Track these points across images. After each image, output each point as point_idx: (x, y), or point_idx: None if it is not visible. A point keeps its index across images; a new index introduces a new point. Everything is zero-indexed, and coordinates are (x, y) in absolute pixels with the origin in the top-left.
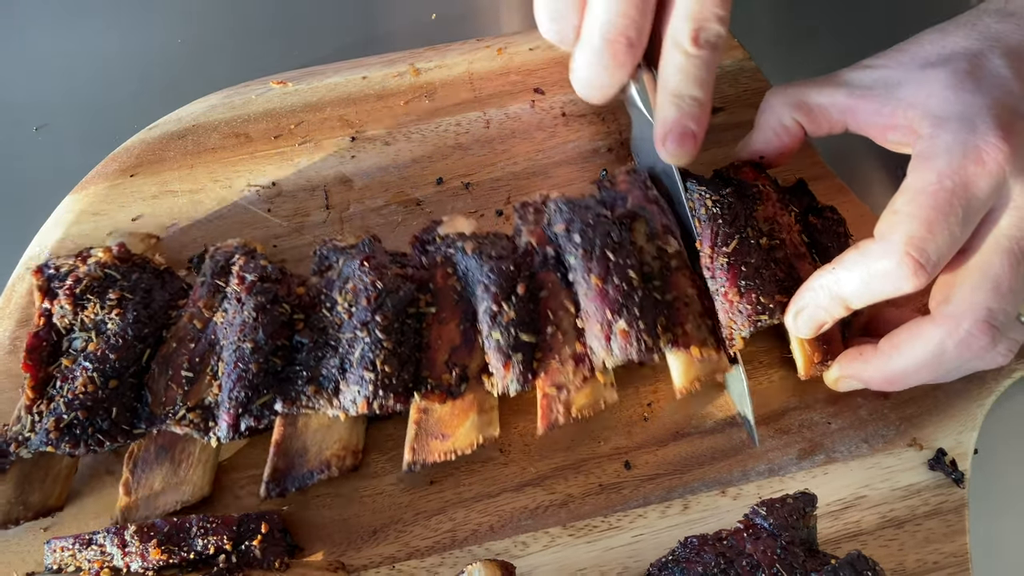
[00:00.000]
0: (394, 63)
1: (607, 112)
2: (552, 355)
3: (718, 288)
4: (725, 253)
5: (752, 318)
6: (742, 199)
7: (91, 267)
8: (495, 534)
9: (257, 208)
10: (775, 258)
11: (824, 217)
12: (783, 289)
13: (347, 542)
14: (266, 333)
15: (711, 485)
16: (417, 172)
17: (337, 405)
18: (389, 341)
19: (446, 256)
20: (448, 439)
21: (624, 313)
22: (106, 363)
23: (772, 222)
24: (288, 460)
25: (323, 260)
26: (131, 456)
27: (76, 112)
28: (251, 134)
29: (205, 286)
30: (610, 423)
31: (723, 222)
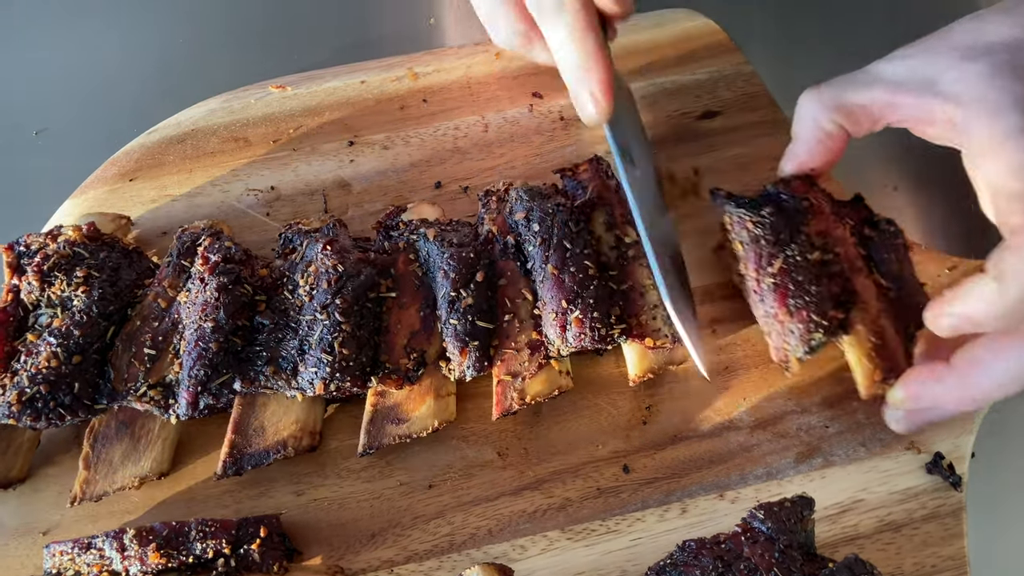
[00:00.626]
0: (392, 68)
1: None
2: (508, 342)
3: (768, 311)
4: (771, 274)
5: (805, 337)
6: (787, 215)
7: (60, 245)
8: (493, 538)
9: (256, 212)
10: (829, 273)
11: (881, 230)
12: (839, 304)
13: (345, 546)
14: (227, 313)
15: (709, 489)
16: (415, 176)
17: (295, 386)
18: (348, 324)
19: (409, 242)
20: (404, 423)
21: (579, 302)
22: (70, 339)
23: (825, 236)
24: (245, 439)
25: (287, 243)
26: (92, 431)
27: (76, 116)
28: (250, 138)
29: (171, 266)
30: (608, 427)
31: (765, 243)
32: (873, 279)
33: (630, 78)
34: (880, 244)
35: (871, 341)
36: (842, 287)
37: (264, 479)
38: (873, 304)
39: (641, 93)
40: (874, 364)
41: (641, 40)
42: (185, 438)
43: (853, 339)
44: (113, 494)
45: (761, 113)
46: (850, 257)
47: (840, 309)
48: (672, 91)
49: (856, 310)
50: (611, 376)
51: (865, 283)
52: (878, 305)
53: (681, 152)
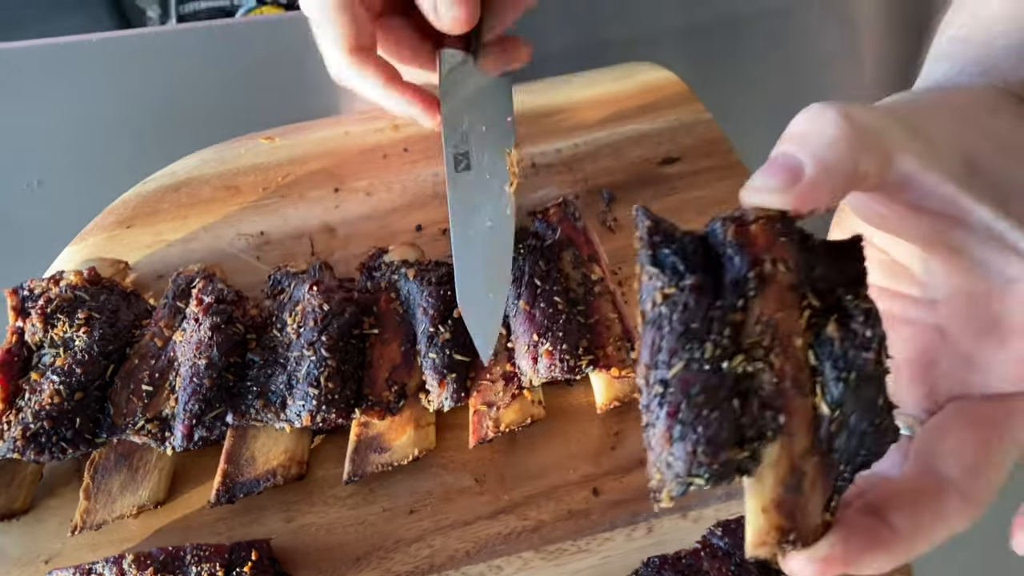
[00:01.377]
0: (374, 120)
1: (575, 162)
2: (484, 374)
3: (648, 419)
4: (662, 379)
5: (683, 479)
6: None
7: (62, 288)
8: (471, 559)
9: (247, 256)
10: (749, 389)
11: (849, 329)
12: (745, 439)
13: (332, 569)
14: (220, 351)
15: (673, 509)
16: (397, 220)
17: (283, 418)
18: (333, 359)
19: (390, 282)
20: (386, 452)
21: (549, 335)
22: (72, 377)
23: (768, 327)
24: (237, 469)
25: (276, 284)
26: (92, 463)
27: (75, 167)
28: (241, 186)
29: (167, 307)
30: (579, 452)
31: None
32: (812, 400)
33: (597, 127)
34: (840, 354)
35: (780, 489)
36: (761, 412)
37: (255, 507)
38: (800, 440)
39: (605, 141)
40: (775, 519)
41: (606, 92)
42: (180, 469)
43: (754, 484)
44: (112, 523)
45: (718, 158)
46: (790, 367)
47: (747, 446)
48: (635, 139)
49: (774, 444)
50: (581, 405)
51: (799, 406)
52: (806, 443)
53: (645, 196)
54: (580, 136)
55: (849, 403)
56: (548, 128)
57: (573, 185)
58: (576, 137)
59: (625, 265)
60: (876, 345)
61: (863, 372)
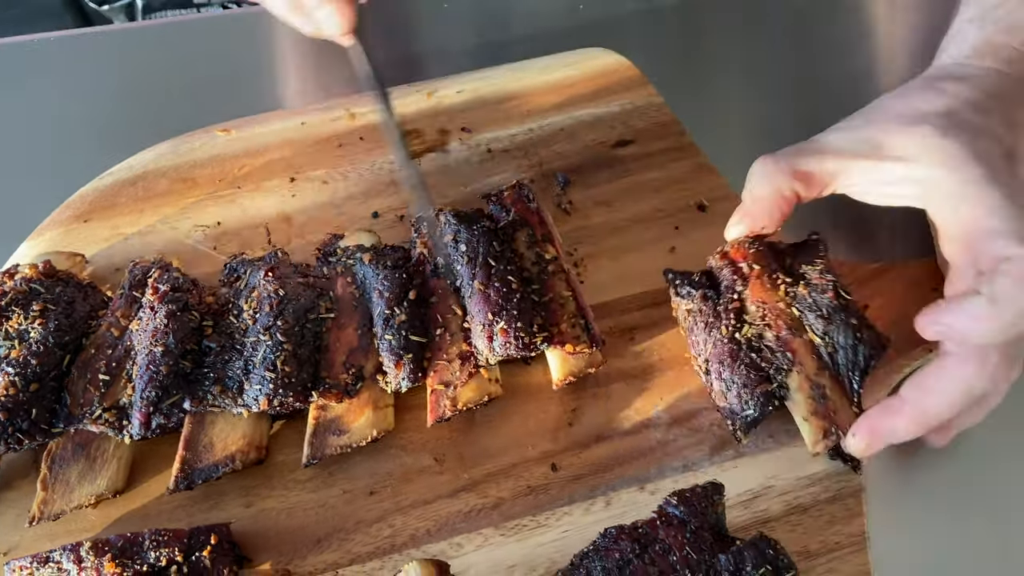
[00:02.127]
0: (330, 110)
1: (530, 147)
2: (441, 354)
3: (712, 390)
4: (704, 358)
5: (741, 414)
6: (719, 294)
7: (17, 282)
8: (431, 537)
9: (204, 246)
10: (762, 344)
11: (810, 284)
12: (769, 376)
13: (292, 551)
14: (176, 338)
15: (630, 482)
16: (354, 208)
17: (241, 403)
18: (289, 344)
19: (346, 266)
20: (345, 434)
21: (504, 314)
22: (27, 368)
23: (760, 305)
24: (195, 455)
25: (232, 272)
26: (49, 453)
27: (31, 164)
28: (197, 179)
29: (123, 297)
30: (537, 430)
31: (698, 329)
32: (807, 338)
33: (552, 112)
34: (812, 301)
35: (811, 400)
36: (776, 354)
37: (215, 493)
38: (809, 363)
39: (560, 125)
40: (817, 422)
41: (560, 77)
42: (139, 457)
43: (793, 404)
44: (70, 512)
45: (671, 140)
46: (784, 323)
47: (774, 379)
48: (589, 123)
49: (792, 373)
50: (538, 383)
51: (800, 343)
52: (814, 364)
53: (599, 178)
54: (535, 121)
55: (831, 330)
56: (503, 114)
57: (528, 169)
58: (531, 122)
59: (580, 246)
60: (831, 288)
61: (830, 306)
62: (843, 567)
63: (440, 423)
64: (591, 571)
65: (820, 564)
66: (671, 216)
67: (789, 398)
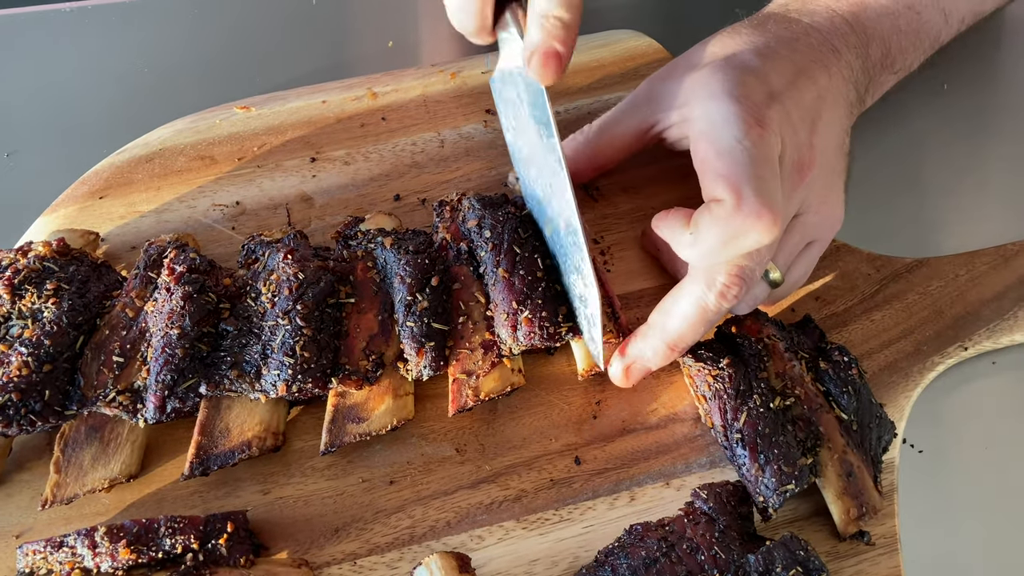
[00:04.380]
0: (352, 88)
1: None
2: (463, 343)
3: (739, 463)
4: (737, 429)
5: (780, 490)
6: (745, 363)
7: (30, 260)
8: (452, 529)
9: (222, 226)
10: (793, 417)
11: (834, 361)
12: (806, 449)
13: (310, 541)
14: (192, 320)
15: (656, 477)
16: (375, 190)
17: (258, 388)
18: (309, 329)
19: (367, 250)
20: (364, 422)
21: (528, 303)
22: (41, 348)
23: (784, 376)
24: (211, 441)
25: (250, 253)
26: (62, 436)
27: (47, 138)
28: (216, 156)
29: (138, 277)
30: (561, 422)
31: (728, 397)
32: (834, 414)
33: (580, 95)
34: (835, 377)
35: (841, 479)
36: (807, 429)
37: (231, 479)
38: (838, 441)
39: (588, 109)
40: (848, 502)
41: (588, 59)
42: (153, 442)
43: (824, 480)
44: (83, 496)
45: None
46: (810, 396)
47: (808, 454)
48: None
49: (823, 450)
50: (563, 374)
51: (828, 419)
52: (842, 442)
53: (628, 163)
54: (562, 104)
55: (856, 407)
56: None
57: None
58: (558, 105)
59: (608, 234)
60: (854, 365)
61: (855, 384)
62: (874, 569)
63: (462, 413)
64: (616, 568)
65: (850, 566)
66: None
67: (820, 474)
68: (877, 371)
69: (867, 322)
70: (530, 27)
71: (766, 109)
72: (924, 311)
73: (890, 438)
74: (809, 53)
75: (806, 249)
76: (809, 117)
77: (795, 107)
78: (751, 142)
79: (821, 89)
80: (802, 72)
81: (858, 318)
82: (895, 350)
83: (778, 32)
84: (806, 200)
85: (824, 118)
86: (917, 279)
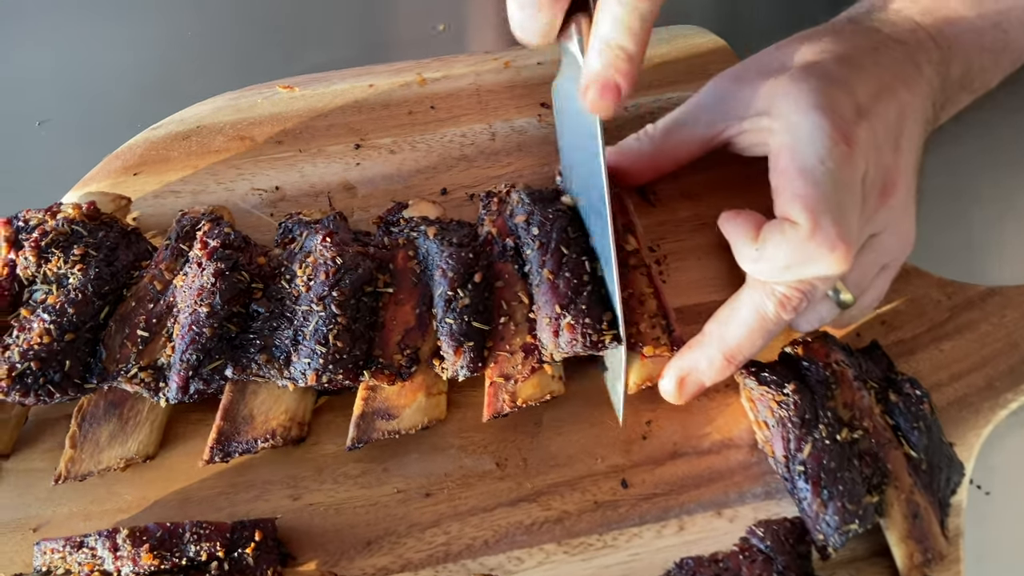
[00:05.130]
0: (401, 72)
1: (614, 128)
2: (503, 344)
3: (801, 497)
4: (800, 460)
5: (842, 529)
6: (811, 390)
7: (59, 222)
8: (489, 549)
9: (260, 212)
10: (860, 451)
11: (905, 394)
12: (871, 487)
13: (340, 552)
14: (223, 299)
15: (707, 506)
16: (421, 182)
17: (287, 375)
18: (344, 317)
19: (409, 238)
20: (394, 419)
21: (572, 308)
22: (64, 316)
23: (852, 407)
24: (234, 426)
25: (287, 232)
26: (80, 410)
27: (80, 108)
28: (256, 137)
29: (169, 249)
30: (607, 440)
31: (792, 426)
32: (903, 451)
33: (640, 92)
34: (906, 411)
35: (907, 520)
36: (873, 465)
37: (260, 481)
38: (905, 480)
39: (648, 107)
40: (912, 546)
41: (650, 54)
42: (174, 423)
43: (889, 521)
44: (98, 474)
45: None
46: (878, 430)
47: (874, 492)
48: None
49: (889, 488)
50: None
51: (896, 456)
52: (910, 481)
53: (688, 168)
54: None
55: (927, 445)
56: None
57: None
58: None
59: (664, 242)
60: (926, 399)
61: (927, 420)
62: None
63: (497, 418)
64: None
65: None
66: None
67: (885, 514)
68: (945, 405)
69: (936, 352)
70: (591, 52)
71: (854, 126)
72: (998, 343)
73: (959, 479)
74: (892, 67)
75: (879, 272)
76: (893, 136)
77: (881, 125)
78: (835, 163)
79: (903, 106)
80: (886, 87)
81: (926, 347)
82: (965, 384)
83: (860, 42)
84: (883, 222)
85: (905, 136)
86: (991, 308)
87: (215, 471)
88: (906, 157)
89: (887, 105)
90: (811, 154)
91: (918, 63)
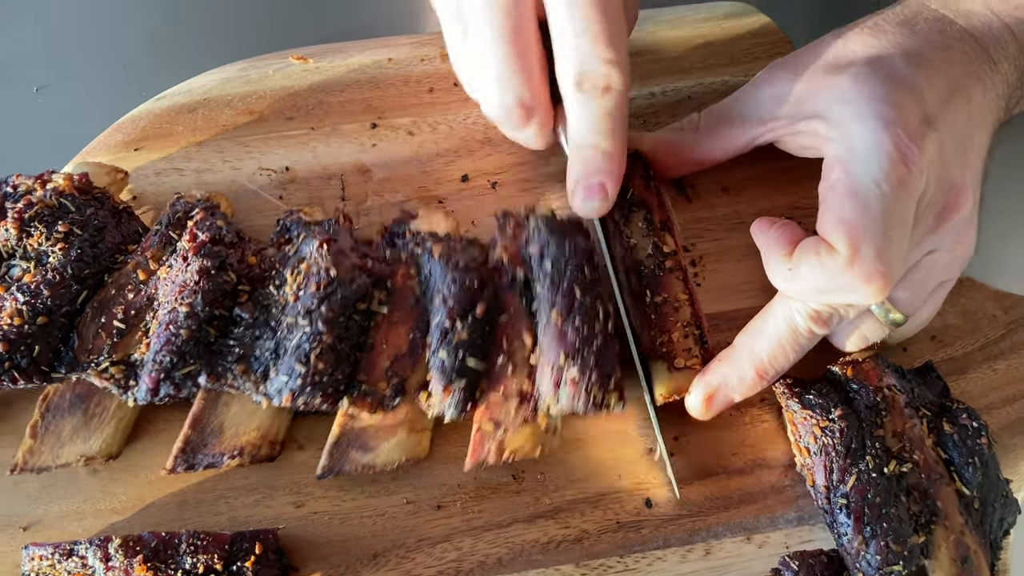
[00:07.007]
0: (423, 45)
1: (650, 115)
2: (497, 387)
3: (841, 531)
4: (843, 493)
5: (883, 571)
6: (859, 416)
7: (47, 193)
8: (503, 568)
9: (268, 193)
10: (907, 486)
11: (961, 425)
12: (918, 525)
13: (345, 565)
14: (205, 300)
15: (736, 530)
16: (441, 167)
17: (263, 391)
18: (329, 335)
19: (412, 254)
20: (369, 453)
21: (579, 360)
22: (38, 298)
23: (901, 437)
24: (201, 437)
25: (284, 231)
26: (45, 399)
27: (81, 75)
28: (265, 113)
29: (157, 235)
30: (632, 456)
31: (836, 455)
32: (955, 487)
33: (679, 76)
34: (961, 445)
35: (955, 565)
36: (922, 502)
37: (262, 486)
38: (956, 519)
39: (688, 92)
40: None
41: (690, 35)
42: (143, 421)
43: (936, 564)
44: (56, 469)
45: None
46: (929, 464)
47: (921, 531)
48: (722, 92)
49: (938, 528)
50: (639, 400)
51: (947, 493)
52: (960, 520)
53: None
54: (658, 84)
55: (981, 482)
56: None
57: None
58: (653, 84)
59: (700, 241)
60: (984, 432)
61: (982, 456)
62: None
63: (478, 469)
64: None
65: None
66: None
67: (932, 556)
68: (996, 430)
69: (989, 371)
70: (569, 157)
71: (919, 139)
72: None
73: (1013, 520)
74: (964, 65)
75: (935, 288)
76: (962, 147)
77: (949, 134)
78: (891, 186)
79: (974, 108)
80: (957, 89)
81: (979, 365)
82: (1020, 407)
83: (930, 35)
84: (942, 241)
85: (975, 144)
86: None
87: (215, 472)
88: (974, 169)
89: (957, 111)
90: (866, 173)
91: (992, 58)
